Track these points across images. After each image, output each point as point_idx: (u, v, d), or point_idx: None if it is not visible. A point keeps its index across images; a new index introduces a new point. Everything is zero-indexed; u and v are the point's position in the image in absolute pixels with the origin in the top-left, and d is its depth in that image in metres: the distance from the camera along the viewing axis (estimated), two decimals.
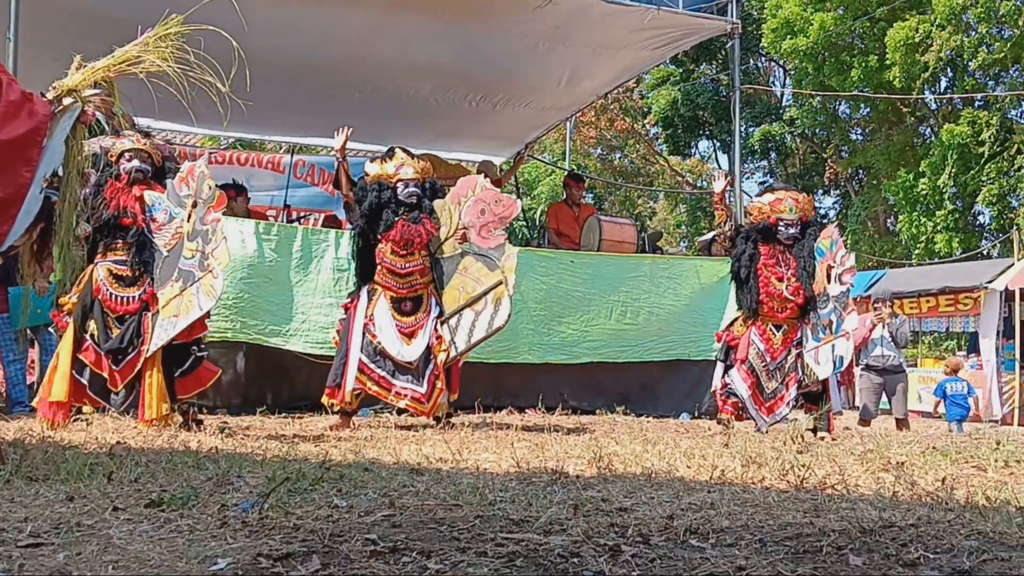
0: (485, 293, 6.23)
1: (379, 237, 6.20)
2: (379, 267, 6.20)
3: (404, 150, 6.42)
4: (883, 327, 9.34)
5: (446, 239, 6.35)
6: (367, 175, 6.33)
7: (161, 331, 5.30)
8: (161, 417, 5.24)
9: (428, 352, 6.15)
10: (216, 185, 5.50)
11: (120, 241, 5.42)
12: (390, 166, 6.27)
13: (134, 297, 5.42)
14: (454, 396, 6.46)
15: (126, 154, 5.47)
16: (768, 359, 6.50)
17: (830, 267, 6.52)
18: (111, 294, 5.38)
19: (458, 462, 4.10)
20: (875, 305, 9.56)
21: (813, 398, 6.64)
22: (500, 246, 6.29)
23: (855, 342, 9.78)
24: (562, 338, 8.18)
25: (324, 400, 6.17)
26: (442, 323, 6.25)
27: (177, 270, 5.37)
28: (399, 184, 6.21)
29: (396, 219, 6.14)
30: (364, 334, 6.11)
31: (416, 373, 6.10)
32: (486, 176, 6.73)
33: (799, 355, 6.50)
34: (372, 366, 6.07)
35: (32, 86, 4.17)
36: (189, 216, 5.36)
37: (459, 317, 6.25)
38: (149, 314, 5.39)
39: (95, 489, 3.04)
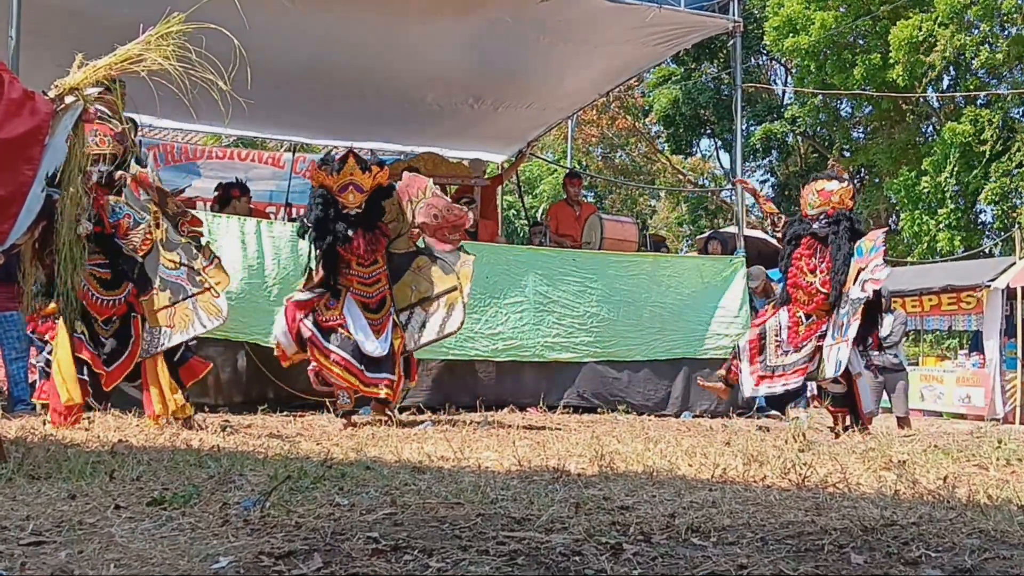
0: (439, 296, 6.30)
1: (338, 248, 6.12)
2: (344, 269, 6.17)
3: (358, 159, 6.20)
4: (880, 326, 9.33)
5: (398, 235, 6.38)
6: (314, 179, 6.22)
7: (152, 339, 5.39)
8: (178, 408, 5.28)
9: (391, 345, 6.24)
10: (192, 214, 5.63)
11: (94, 244, 5.41)
12: (332, 182, 6.11)
13: (120, 300, 5.44)
14: (412, 383, 6.63)
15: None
16: (784, 338, 6.53)
17: (860, 269, 6.48)
18: (96, 297, 5.38)
19: (460, 460, 4.10)
20: None
21: (839, 401, 6.63)
22: (455, 252, 6.36)
23: None
24: (566, 337, 8.18)
25: (346, 399, 6.19)
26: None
27: (160, 279, 5.45)
28: (341, 202, 6.10)
29: (353, 231, 6.08)
30: (338, 330, 6.12)
31: (388, 362, 6.16)
32: (484, 174, 6.75)
33: (819, 348, 6.48)
34: (354, 361, 6.08)
35: (33, 85, 4.17)
36: (157, 223, 5.42)
37: (409, 314, 6.35)
38: (138, 316, 5.42)
39: (97, 487, 3.04)
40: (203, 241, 5.62)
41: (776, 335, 6.54)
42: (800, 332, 6.52)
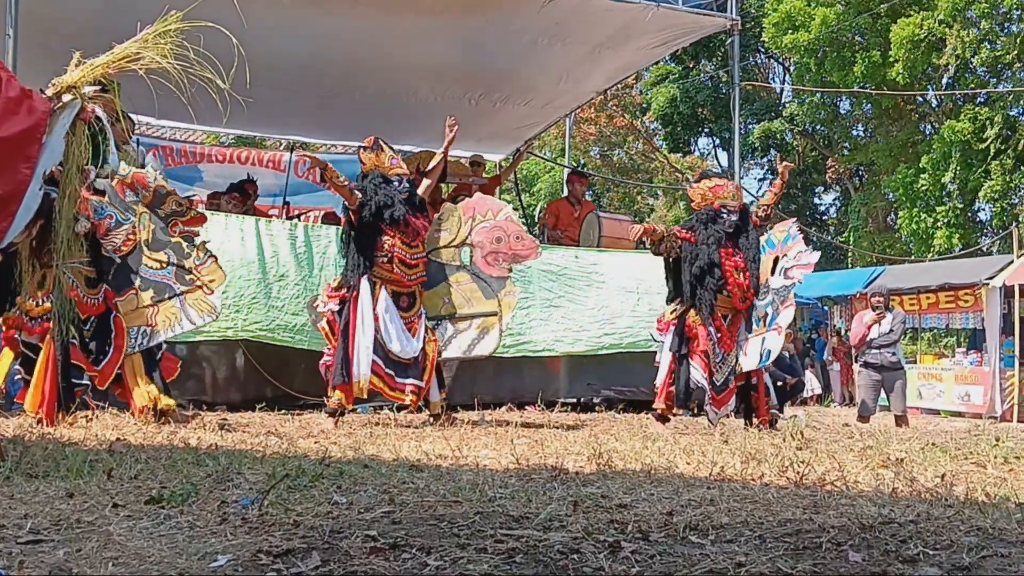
0: (473, 316, 6.28)
1: (384, 228, 6.10)
2: (383, 259, 6.12)
3: (387, 143, 6.40)
4: (879, 324, 9.34)
5: (445, 245, 6.38)
6: (363, 164, 6.28)
7: (130, 339, 5.43)
8: (153, 400, 5.32)
9: (423, 347, 6.20)
10: (186, 198, 5.70)
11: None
12: (384, 158, 6.24)
13: (99, 299, 5.46)
14: (443, 395, 6.52)
15: None
16: (719, 350, 6.38)
17: (777, 259, 6.47)
18: (83, 295, 5.38)
19: (458, 459, 4.10)
20: (873, 301, 9.56)
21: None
22: (502, 279, 6.35)
23: (853, 340, 9.76)
24: (576, 330, 8.19)
25: (335, 398, 6.01)
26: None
27: (140, 279, 5.50)
28: (395, 178, 6.18)
29: (403, 211, 6.11)
30: (372, 331, 6.05)
31: (417, 367, 6.11)
32: (482, 167, 6.72)
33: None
34: (381, 364, 6.03)
35: (31, 83, 4.16)
36: (142, 223, 5.48)
37: (435, 325, 6.32)
38: (119, 315, 5.44)
39: (95, 486, 3.04)
40: (197, 240, 5.64)
41: (715, 354, 6.35)
42: (725, 336, 6.42)
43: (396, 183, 6.15)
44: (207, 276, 5.53)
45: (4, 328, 5.33)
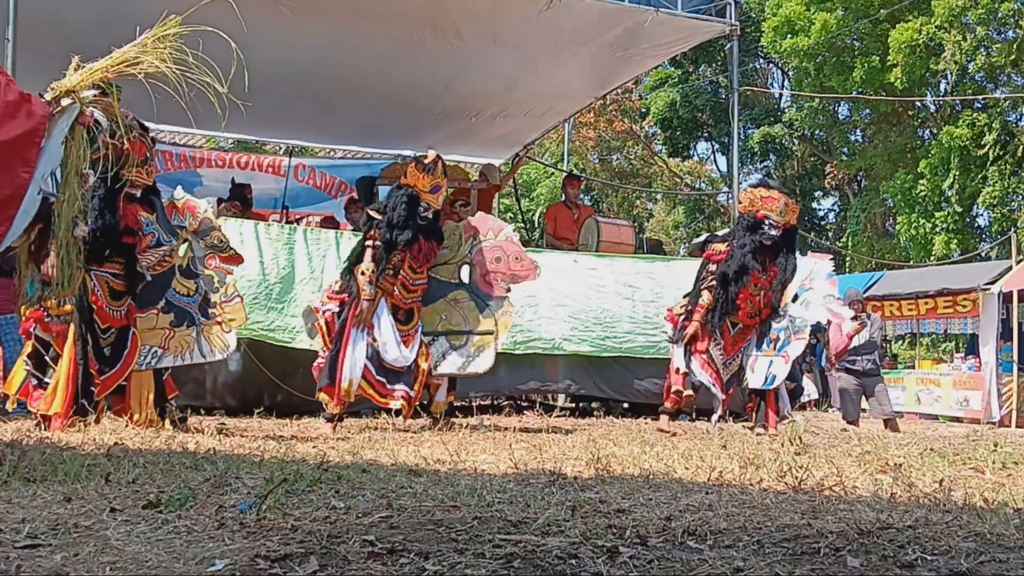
0: (469, 334, 6.31)
1: (397, 247, 6.09)
2: (388, 271, 6.12)
3: (444, 165, 6.41)
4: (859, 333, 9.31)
5: (445, 263, 6.40)
6: (405, 175, 6.25)
7: (140, 357, 5.47)
8: (150, 423, 5.32)
9: (416, 359, 6.22)
10: (232, 252, 5.75)
11: (116, 254, 5.45)
12: (426, 182, 6.17)
13: (123, 312, 5.48)
14: (450, 397, 6.57)
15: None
16: (723, 354, 6.45)
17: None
18: (105, 305, 5.40)
19: (456, 463, 4.10)
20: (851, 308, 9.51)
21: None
22: (500, 299, 6.38)
23: (834, 350, 9.74)
24: (582, 331, 8.21)
25: (322, 398, 6.07)
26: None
27: (165, 301, 5.56)
28: (424, 204, 6.14)
29: (419, 235, 6.11)
30: (366, 336, 6.06)
31: (408, 375, 6.12)
32: (487, 178, 6.75)
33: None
34: (373, 371, 6.05)
35: (30, 87, 4.17)
36: (181, 248, 5.55)
37: (432, 340, 6.35)
38: (137, 332, 5.46)
39: (93, 490, 3.04)
40: (229, 279, 5.69)
41: (720, 356, 6.43)
42: (730, 343, 6.47)
43: (422, 209, 6.12)
44: (229, 315, 5.62)
45: (23, 318, 5.33)
